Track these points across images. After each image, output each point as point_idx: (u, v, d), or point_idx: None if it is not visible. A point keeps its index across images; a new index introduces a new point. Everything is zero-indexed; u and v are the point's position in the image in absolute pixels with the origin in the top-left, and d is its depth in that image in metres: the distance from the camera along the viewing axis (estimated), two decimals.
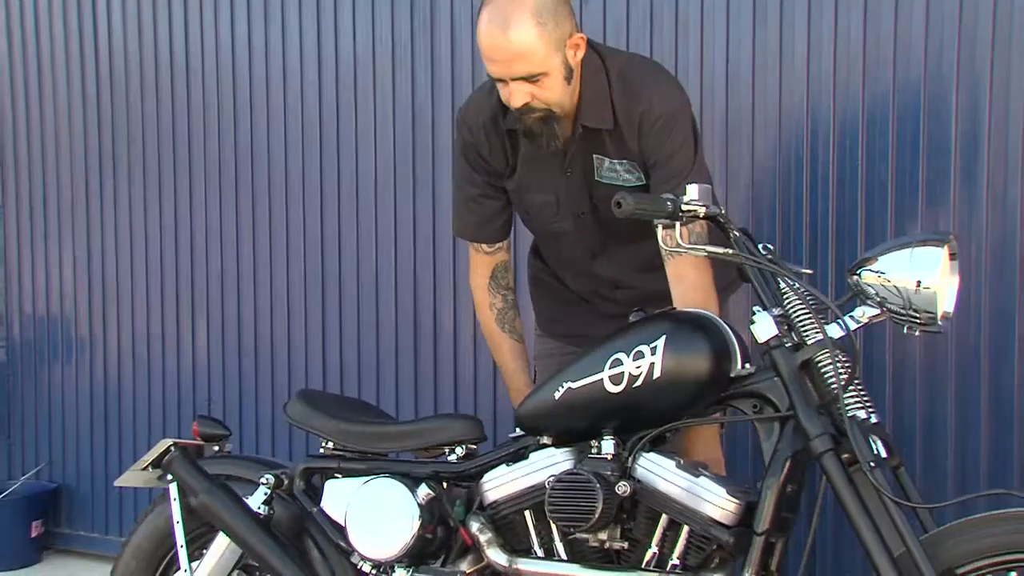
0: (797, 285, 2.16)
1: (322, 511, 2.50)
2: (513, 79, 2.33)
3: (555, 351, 2.74)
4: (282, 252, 3.96)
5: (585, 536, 2.21)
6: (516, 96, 2.35)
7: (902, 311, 2.10)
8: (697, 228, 2.32)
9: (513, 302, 2.72)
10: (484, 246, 2.66)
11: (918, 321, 2.10)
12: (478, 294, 2.71)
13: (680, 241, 2.17)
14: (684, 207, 2.11)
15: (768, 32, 3.10)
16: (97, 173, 4.34)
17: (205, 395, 4.11)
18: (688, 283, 2.38)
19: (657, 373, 2.14)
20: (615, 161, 2.47)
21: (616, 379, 2.18)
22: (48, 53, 4.44)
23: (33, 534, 4.31)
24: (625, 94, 2.44)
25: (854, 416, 2.06)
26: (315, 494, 2.54)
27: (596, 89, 2.44)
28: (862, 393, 2.12)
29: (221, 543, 2.55)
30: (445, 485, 2.42)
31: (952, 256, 2.10)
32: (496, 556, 2.29)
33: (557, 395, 2.25)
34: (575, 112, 2.44)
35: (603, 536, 2.21)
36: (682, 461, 2.19)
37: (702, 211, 2.13)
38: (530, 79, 2.33)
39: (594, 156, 2.48)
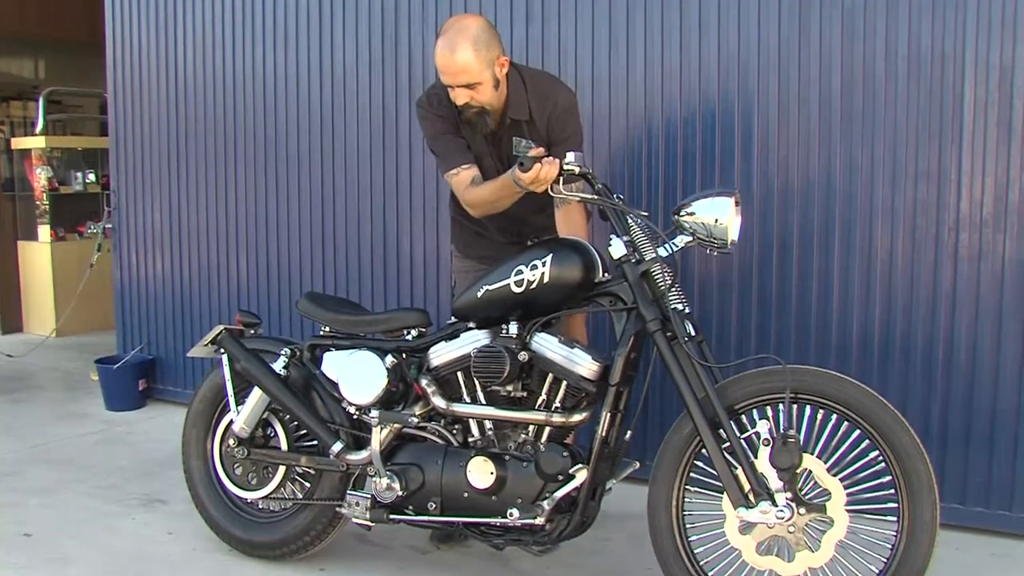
0: (639, 221, 2.04)
1: (322, 373, 2.35)
2: (457, 86, 2.19)
3: (469, 268, 2.54)
4: (295, 202, 3.72)
5: (498, 388, 2.10)
6: (459, 97, 2.20)
7: (706, 239, 2.01)
8: (576, 183, 2.16)
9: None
10: (465, 166, 2.30)
11: (716, 245, 2.02)
12: (463, 195, 2.32)
13: (563, 190, 2.04)
14: (565, 167, 2.00)
15: (619, 59, 2.96)
16: (175, 152, 4.06)
17: (246, 297, 3.91)
18: (571, 222, 2.27)
19: (546, 279, 2.03)
20: (529, 141, 2.31)
21: (519, 283, 2.05)
22: (147, 75, 4.11)
23: (140, 388, 4.14)
24: (537, 96, 2.29)
25: (675, 308, 1.98)
26: (317, 362, 2.38)
27: (517, 93, 2.28)
28: (680, 292, 2.02)
29: (256, 394, 2.41)
30: (404, 355, 2.27)
31: (736, 203, 2.02)
32: (439, 402, 2.17)
33: (479, 295, 2.11)
34: (504, 108, 2.28)
35: (509, 388, 2.11)
36: (562, 338, 2.08)
37: (577, 170, 2.02)
38: (469, 86, 2.18)
39: (514, 138, 2.33)
